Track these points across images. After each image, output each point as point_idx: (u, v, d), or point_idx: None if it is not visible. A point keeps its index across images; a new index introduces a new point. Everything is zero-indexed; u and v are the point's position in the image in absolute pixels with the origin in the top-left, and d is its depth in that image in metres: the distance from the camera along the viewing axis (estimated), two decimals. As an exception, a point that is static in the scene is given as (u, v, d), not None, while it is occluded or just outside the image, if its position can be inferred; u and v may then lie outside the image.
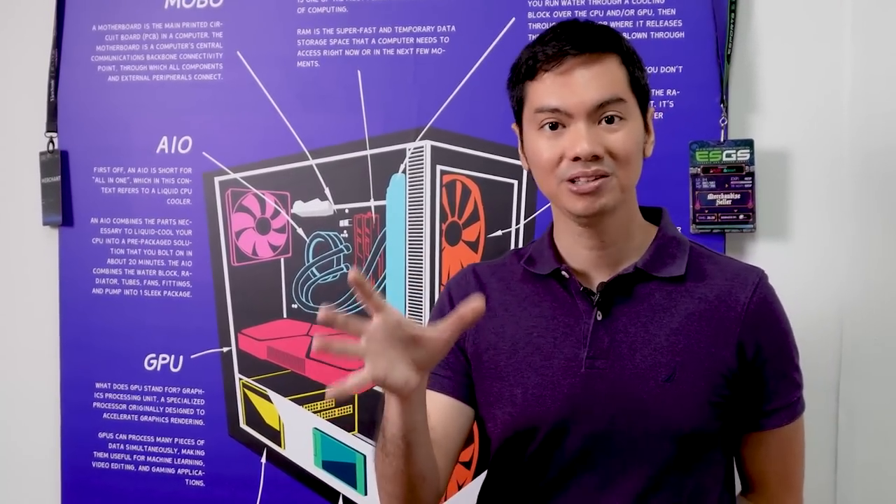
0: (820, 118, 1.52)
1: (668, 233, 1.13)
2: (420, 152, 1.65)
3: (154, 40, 1.77)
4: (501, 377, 1.12)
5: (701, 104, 1.53)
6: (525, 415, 1.09)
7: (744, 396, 1.08)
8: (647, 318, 1.07)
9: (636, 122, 1.07)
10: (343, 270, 1.69)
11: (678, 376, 1.04)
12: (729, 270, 1.10)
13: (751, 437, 1.12)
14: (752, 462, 1.15)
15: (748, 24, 1.54)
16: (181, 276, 1.77)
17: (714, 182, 1.51)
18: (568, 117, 1.03)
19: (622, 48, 1.07)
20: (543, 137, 1.06)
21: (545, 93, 1.05)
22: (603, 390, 1.06)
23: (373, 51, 1.68)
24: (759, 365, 1.07)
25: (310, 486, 1.73)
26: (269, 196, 1.73)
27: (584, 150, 1.01)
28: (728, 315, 1.07)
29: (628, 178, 1.06)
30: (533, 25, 1.60)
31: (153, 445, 1.79)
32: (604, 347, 1.07)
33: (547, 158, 1.05)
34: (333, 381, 1.66)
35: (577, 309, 1.09)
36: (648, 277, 1.09)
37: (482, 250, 1.64)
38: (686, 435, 1.04)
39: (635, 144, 1.06)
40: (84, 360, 1.80)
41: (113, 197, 1.79)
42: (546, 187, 1.08)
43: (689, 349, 1.05)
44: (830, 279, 1.51)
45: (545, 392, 1.08)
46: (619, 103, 1.04)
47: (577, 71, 1.04)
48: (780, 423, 1.10)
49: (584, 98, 1.03)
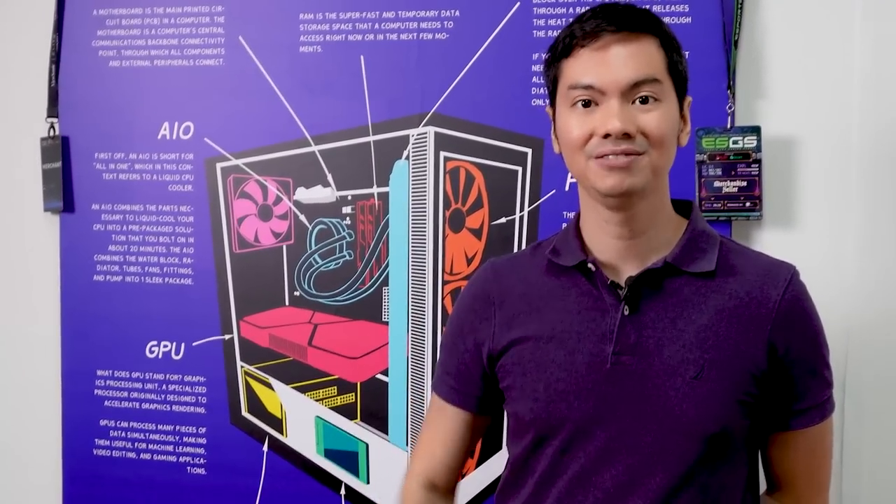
0: (828, 105, 1.50)
1: (699, 226, 1.09)
2: (423, 138, 1.64)
3: (155, 25, 1.76)
4: (525, 372, 1.09)
5: (708, 90, 1.52)
6: (548, 410, 1.06)
7: (773, 396, 1.05)
8: (675, 313, 1.04)
9: (672, 105, 1.04)
10: (346, 258, 1.68)
11: (706, 374, 1.02)
12: (760, 266, 1.08)
13: (779, 436, 1.09)
14: (780, 462, 1.12)
15: (756, 9, 1.53)
16: (183, 262, 1.76)
17: (720, 169, 1.50)
18: (601, 94, 1.01)
19: (662, 31, 1.04)
20: (575, 115, 1.03)
21: (580, 69, 1.02)
22: (629, 387, 1.03)
23: (376, 36, 1.66)
24: (789, 364, 1.04)
25: (312, 474, 1.72)
26: (272, 182, 1.72)
27: (615, 126, 0.99)
28: (759, 312, 1.04)
29: (661, 160, 1.02)
30: (538, 10, 1.59)
31: (155, 433, 1.78)
32: (630, 343, 1.04)
33: (577, 136, 1.02)
34: (335, 369, 1.68)
35: (604, 303, 1.06)
36: (678, 272, 1.06)
37: (486, 237, 1.62)
38: (713, 434, 1.01)
39: (669, 127, 1.03)
40: (85, 348, 1.80)
41: (114, 183, 1.78)
42: (575, 166, 1.05)
43: (717, 346, 1.03)
44: (837, 267, 1.50)
45: (569, 388, 1.05)
46: (655, 84, 1.01)
47: (613, 48, 1.01)
48: (809, 423, 1.07)
49: (618, 76, 1.00)
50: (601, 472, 1.04)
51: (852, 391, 1.49)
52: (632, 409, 1.03)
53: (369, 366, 1.68)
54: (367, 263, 1.68)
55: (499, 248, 1.60)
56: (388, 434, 1.68)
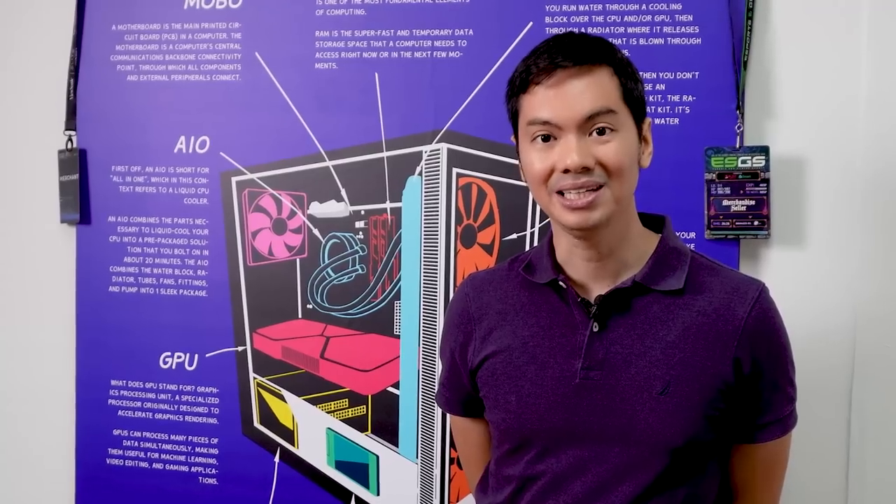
0: (835, 125, 1.52)
1: (670, 243, 1.12)
2: (436, 155, 1.66)
3: (173, 40, 1.79)
4: (497, 384, 1.14)
5: (717, 110, 1.54)
6: (520, 421, 1.11)
7: (738, 409, 1.09)
8: (643, 330, 1.08)
9: (629, 132, 1.06)
10: (358, 272, 1.70)
11: (672, 389, 1.05)
12: (729, 283, 1.10)
13: (741, 448, 1.13)
14: (739, 471, 1.16)
15: (765, 30, 1.54)
16: (197, 275, 1.78)
17: (729, 188, 1.52)
18: (559, 129, 1.03)
19: (614, 59, 1.06)
20: (535, 150, 1.06)
21: (536, 105, 1.05)
22: (597, 401, 1.07)
23: (390, 53, 1.69)
24: (754, 379, 1.07)
25: (323, 485, 1.74)
26: (286, 196, 1.74)
27: (573, 161, 1.01)
28: (726, 329, 1.07)
29: (622, 190, 1.05)
30: (550, 30, 1.61)
31: (167, 443, 1.80)
32: (598, 359, 1.08)
33: (538, 170, 1.05)
34: (347, 381, 1.70)
35: (574, 319, 1.10)
36: (647, 290, 1.09)
37: (497, 253, 1.64)
38: (680, 447, 1.05)
39: (627, 156, 1.05)
40: (99, 358, 1.82)
41: (130, 195, 1.81)
42: (540, 199, 1.09)
43: (684, 362, 1.06)
44: (844, 285, 1.52)
45: (539, 400, 1.10)
46: (610, 115, 1.03)
47: (567, 83, 1.03)
48: (772, 437, 1.11)
49: (574, 110, 1.02)
50: (572, 480, 1.09)
51: (858, 409, 1.50)
52: (600, 423, 1.07)
53: (380, 379, 1.70)
54: (379, 277, 1.70)
55: (510, 263, 1.62)
56: (398, 446, 1.69)
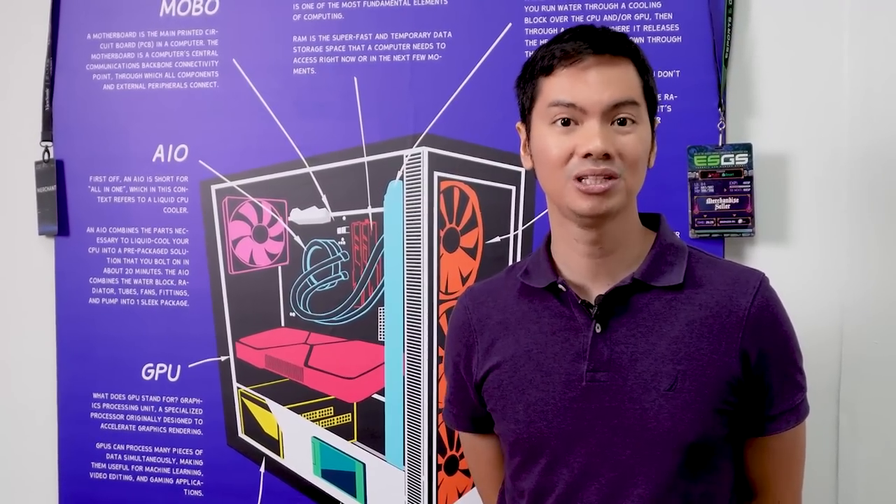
0: (818, 122, 1.51)
1: (667, 240, 1.12)
2: (417, 159, 1.65)
3: (149, 48, 1.77)
4: (504, 395, 1.12)
5: (699, 108, 1.53)
6: (529, 430, 1.09)
7: (749, 402, 1.07)
8: (646, 328, 1.07)
9: (646, 128, 1.06)
10: (341, 278, 1.69)
11: (680, 385, 1.04)
12: (729, 275, 1.09)
13: (755, 441, 1.11)
14: (755, 466, 1.14)
15: (745, 27, 1.54)
16: (178, 285, 1.76)
17: (713, 186, 1.51)
18: (582, 114, 1.03)
19: (638, 56, 1.07)
20: (555, 133, 1.04)
21: (561, 88, 1.04)
22: (605, 403, 1.06)
23: (369, 57, 1.67)
24: (762, 369, 1.06)
25: (309, 495, 1.72)
26: (266, 204, 1.72)
27: (596, 147, 1.00)
28: (729, 321, 1.06)
29: (635, 183, 1.06)
30: (530, 31, 1.60)
31: (151, 455, 1.78)
32: (604, 360, 1.06)
33: (557, 154, 1.04)
34: (332, 389, 1.68)
35: (576, 322, 1.09)
36: (647, 287, 1.08)
37: (480, 256, 1.63)
38: (691, 444, 1.03)
39: (644, 150, 1.05)
40: (81, 370, 1.80)
41: (109, 206, 1.79)
42: (551, 184, 1.07)
43: (690, 357, 1.05)
44: (830, 283, 1.51)
45: (547, 407, 1.08)
46: (633, 106, 1.04)
47: (594, 69, 1.03)
48: (784, 427, 1.09)
49: (601, 96, 1.02)
50: (586, 487, 1.07)
51: (846, 406, 1.50)
52: (609, 424, 1.05)
53: (365, 386, 1.68)
54: (362, 284, 1.68)
55: (493, 266, 1.61)
56: (385, 454, 1.68)
